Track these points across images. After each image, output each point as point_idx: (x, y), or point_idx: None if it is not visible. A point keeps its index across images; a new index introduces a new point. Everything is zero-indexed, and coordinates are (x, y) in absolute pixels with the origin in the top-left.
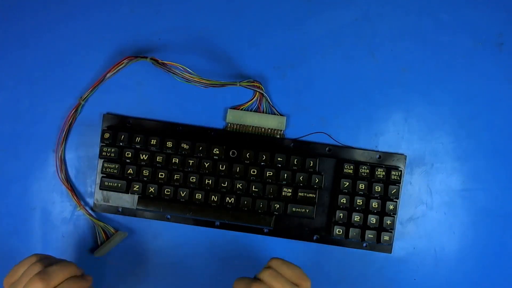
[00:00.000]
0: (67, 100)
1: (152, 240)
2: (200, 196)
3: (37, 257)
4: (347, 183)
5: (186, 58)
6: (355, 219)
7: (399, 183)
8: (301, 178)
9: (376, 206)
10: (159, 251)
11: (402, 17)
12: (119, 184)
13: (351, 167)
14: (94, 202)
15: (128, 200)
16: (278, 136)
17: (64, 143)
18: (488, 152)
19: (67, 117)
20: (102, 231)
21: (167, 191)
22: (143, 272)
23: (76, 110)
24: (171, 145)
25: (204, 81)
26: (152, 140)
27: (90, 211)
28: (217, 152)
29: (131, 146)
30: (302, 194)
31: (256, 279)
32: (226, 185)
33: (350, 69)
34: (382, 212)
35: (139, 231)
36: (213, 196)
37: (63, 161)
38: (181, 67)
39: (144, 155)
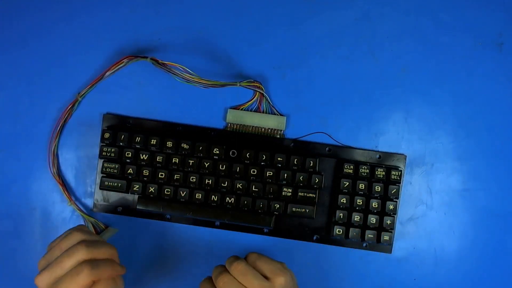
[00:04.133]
0: (67, 101)
1: (152, 240)
2: (200, 196)
3: (82, 235)
4: (347, 183)
5: (186, 58)
6: (355, 219)
7: (399, 183)
8: (301, 178)
9: (376, 206)
10: (159, 251)
11: (402, 17)
12: (119, 184)
13: (351, 167)
14: (94, 202)
15: (128, 200)
16: (278, 136)
17: (58, 138)
18: (488, 152)
19: (63, 113)
20: (92, 227)
21: (167, 191)
22: (142, 272)
23: (72, 106)
24: (171, 145)
25: (204, 81)
26: (152, 140)
27: (80, 207)
28: (217, 152)
29: (131, 146)
30: (302, 194)
31: (227, 270)
32: (226, 185)
33: (350, 69)
34: (382, 212)
35: (139, 231)
36: (213, 196)
37: (55, 156)
38: (181, 67)
39: (144, 155)
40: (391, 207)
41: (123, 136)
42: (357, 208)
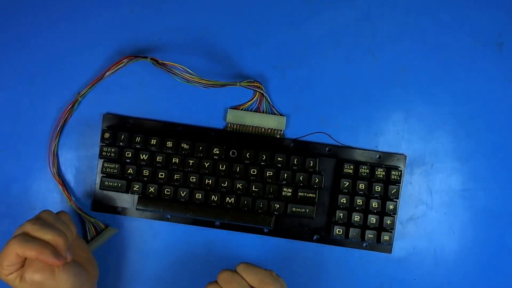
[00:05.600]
0: (67, 101)
1: (152, 240)
2: (200, 196)
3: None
4: (347, 183)
5: (186, 58)
6: (355, 219)
7: (399, 183)
8: (301, 178)
9: (376, 206)
10: (159, 251)
11: (402, 17)
12: (119, 184)
13: (351, 167)
14: (94, 202)
15: (128, 200)
16: (278, 136)
17: (58, 138)
18: (488, 152)
19: (63, 113)
20: (92, 227)
21: (167, 191)
22: (142, 272)
23: (72, 106)
24: (171, 145)
25: (204, 81)
26: (152, 140)
27: (80, 207)
28: (217, 152)
29: (131, 146)
30: (302, 194)
31: (214, 281)
32: (226, 185)
33: (350, 69)
34: (382, 212)
35: (139, 231)
36: (213, 196)
37: (55, 156)
38: (181, 67)
39: (144, 155)
40: (391, 207)
41: (123, 136)
42: (357, 208)
